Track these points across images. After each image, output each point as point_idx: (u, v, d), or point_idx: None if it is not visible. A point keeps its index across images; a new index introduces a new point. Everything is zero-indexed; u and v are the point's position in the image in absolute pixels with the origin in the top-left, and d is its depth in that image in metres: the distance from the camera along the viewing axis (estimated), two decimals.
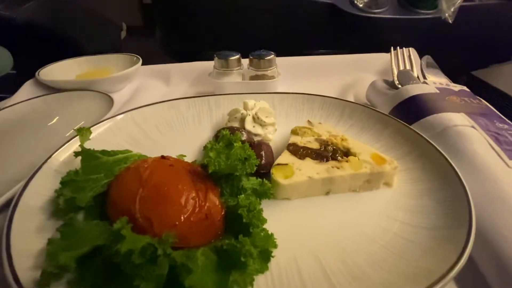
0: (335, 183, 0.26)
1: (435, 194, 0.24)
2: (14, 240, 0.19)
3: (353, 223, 0.23)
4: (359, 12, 0.78)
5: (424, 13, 0.80)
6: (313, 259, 0.20)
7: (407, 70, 0.42)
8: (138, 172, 0.22)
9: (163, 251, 0.16)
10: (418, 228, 0.22)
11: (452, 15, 0.77)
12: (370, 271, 0.19)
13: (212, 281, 0.16)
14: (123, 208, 0.20)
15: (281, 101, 0.39)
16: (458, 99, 0.33)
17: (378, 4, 0.82)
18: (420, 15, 0.80)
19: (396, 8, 0.84)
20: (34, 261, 0.18)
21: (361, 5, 0.82)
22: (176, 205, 0.19)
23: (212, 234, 0.21)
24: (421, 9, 0.80)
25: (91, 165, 0.24)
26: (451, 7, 0.78)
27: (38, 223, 0.22)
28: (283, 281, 0.18)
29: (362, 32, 0.81)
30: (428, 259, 0.19)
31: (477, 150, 0.26)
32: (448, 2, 0.79)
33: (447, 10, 0.78)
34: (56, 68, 0.53)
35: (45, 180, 0.25)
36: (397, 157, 0.29)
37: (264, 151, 0.28)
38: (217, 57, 0.45)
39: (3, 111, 0.41)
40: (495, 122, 0.30)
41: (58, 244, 0.18)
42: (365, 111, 0.35)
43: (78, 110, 0.44)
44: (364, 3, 0.82)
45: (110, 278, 0.17)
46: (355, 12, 0.78)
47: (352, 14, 0.77)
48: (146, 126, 0.35)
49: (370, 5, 0.81)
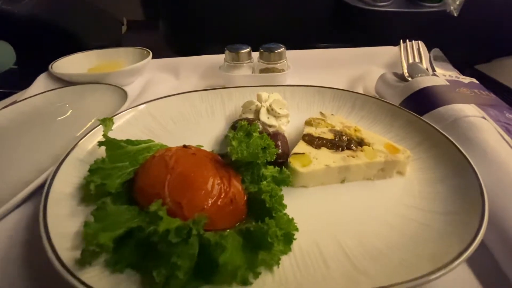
0: (350, 172, 0.26)
1: (447, 182, 0.25)
2: (50, 224, 0.20)
3: (369, 209, 0.24)
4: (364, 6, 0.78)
5: (429, 6, 0.80)
6: (333, 242, 0.21)
7: (416, 63, 0.42)
8: (164, 160, 0.23)
9: (197, 231, 0.17)
10: (432, 213, 0.23)
11: (457, 8, 0.77)
12: (388, 252, 0.20)
13: (242, 260, 0.17)
14: (152, 194, 0.21)
15: (293, 94, 0.40)
16: (468, 91, 0.34)
17: None
18: (425, 8, 0.79)
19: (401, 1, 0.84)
20: (71, 242, 0.20)
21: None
22: (204, 190, 0.20)
23: (236, 218, 0.22)
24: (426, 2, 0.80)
25: (116, 153, 0.25)
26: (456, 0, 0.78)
27: (69, 208, 0.23)
28: (307, 262, 0.20)
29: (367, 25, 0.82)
30: (443, 241, 0.20)
31: (488, 140, 0.27)
32: None
33: (453, 3, 0.78)
34: (67, 61, 0.53)
35: (71, 168, 0.26)
36: (408, 147, 0.30)
37: (280, 141, 0.29)
38: (228, 50, 0.46)
39: (19, 104, 0.42)
40: (504, 113, 0.30)
41: (95, 226, 0.19)
42: (376, 102, 0.36)
43: (92, 102, 0.44)
44: None
45: (144, 257, 0.18)
46: (360, 6, 0.78)
47: (357, 7, 0.76)
48: (161, 118, 0.36)
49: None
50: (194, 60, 0.55)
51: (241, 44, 0.47)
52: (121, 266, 0.18)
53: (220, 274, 0.17)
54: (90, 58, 0.56)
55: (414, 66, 0.41)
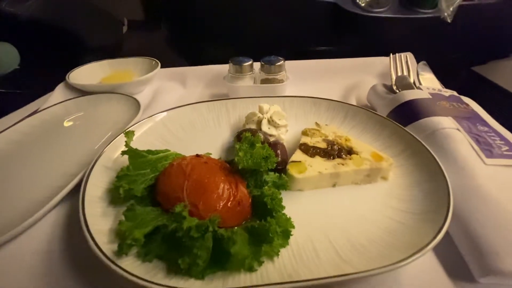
0: (340, 177, 0.31)
1: (423, 186, 0.29)
2: (89, 222, 0.24)
3: (356, 210, 0.28)
4: (361, 11, 0.81)
5: (424, 12, 0.83)
6: (324, 238, 0.25)
7: (404, 76, 0.46)
8: (181, 168, 0.27)
9: (213, 228, 0.21)
10: (408, 213, 0.27)
11: (451, 15, 0.80)
12: (369, 246, 0.24)
13: (248, 251, 0.22)
14: (173, 197, 0.25)
15: (291, 104, 0.44)
16: (448, 104, 0.38)
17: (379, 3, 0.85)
18: (420, 14, 0.82)
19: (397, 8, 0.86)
20: (107, 237, 0.24)
21: (363, 4, 0.84)
22: (216, 194, 0.24)
23: (243, 217, 0.26)
24: (421, 8, 0.83)
25: (138, 162, 0.29)
26: (450, 7, 0.81)
27: (101, 209, 0.27)
28: (301, 253, 0.24)
29: (364, 30, 0.84)
30: (414, 236, 0.24)
31: (460, 149, 0.31)
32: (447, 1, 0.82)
33: (446, 9, 0.81)
34: (82, 71, 0.57)
35: (99, 174, 0.30)
36: (393, 154, 0.34)
37: (279, 150, 0.33)
38: (232, 63, 0.50)
39: (42, 112, 0.46)
40: (477, 125, 0.34)
41: (127, 224, 0.23)
42: (366, 113, 0.40)
43: (107, 111, 0.48)
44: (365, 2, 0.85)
45: (169, 249, 0.22)
46: (357, 11, 0.81)
47: (354, 13, 0.80)
48: (173, 127, 0.40)
49: (371, 5, 0.84)
50: (200, 70, 0.59)
51: (243, 57, 0.51)
52: (151, 256, 0.22)
53: (231, 263, 0.21)
54: (103, 67, 0.60)
55: (402, 79, 0.45)
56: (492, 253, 0.22)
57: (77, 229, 0.25)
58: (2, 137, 0.40)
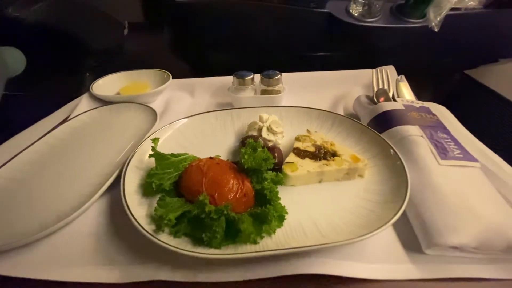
0: (325, 175, 0.38)
1: (390, 182, 0.37)
2: (132, 209, 0.31)
3: (336, 201, 0.36)
4: (354, 21, 0.87)
5: (413, 22, 0.88)
6: (310, 221, 0.33)
7: (383, 89, 0.54)
8: (199, 168, 0.34)
9: (227, 212, 0.28)
10: (376, 203, 0.34)
11: (438, 24, 0.86)
12: (344, 227, 0.32)
13: (253, 229, 0.29)
14: (194, 190, 0.32)
15: (287, 113, 0.51)
16: (417, 114, 0.46)
17: (371, 13, 0.91)
18: (410, 24, 0.88)
19: (387, 17, 0.91)
20: (145, 221, 0.31)
21: (356, 14, 0.91)
22: (227, 188, 0.32)
23: (248, 205, 0.33)
24: (411, 18, 0.88)
25: (164, 163, 0.37)
26: (437, 17, 0.87)
27: (136, 200, 0.34)
28: (292, 232, 0.31)
29: (357, 38, 0.90)
30: (378, 219, 0.31)
31: (421, 153, 0.38)
32: (435, 12, 0.88)
33: (434, 19, 0.87)
34: (103, 82, 0.65)
35: (131, 173, 0.37)
36: (369, 156, 0.41)
37: (276, 153, 0.40)
38: (235, 77, 0.57)
39: (73, 120, 0.53)
40: (438, 132, 0.42)
41: (161, 210, 0.30)
42: (349, 122, 0.48)
43: (128, 118, 0.55)
44: (358, 12, 0.92)
45: (193, 228, 0.30)
46: (350, 21, 0.86)
47: (348, 22, 0.86)
48: (187, 134, 0.48)
49: (364, 15, 0.90)
50: (207, 81, 0.67)
51: (245, 71, 0.58)
52: (180, 234, 0.30)
53: (240, 237, 0.29)
54: (120, 79, 0.67)
55: (381, 92, 0.53)
56: (435, 231, 0.30)
57: (119, 215, 0.33)
58: (43, 142, 0.47)
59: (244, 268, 0.29)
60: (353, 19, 0.86)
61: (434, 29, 0.83)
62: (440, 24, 0.85)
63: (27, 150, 0.45)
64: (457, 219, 0.30)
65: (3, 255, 0.30)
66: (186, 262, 0.29)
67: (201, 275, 0.28)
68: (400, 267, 0.30)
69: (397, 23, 0.90)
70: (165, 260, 0.29)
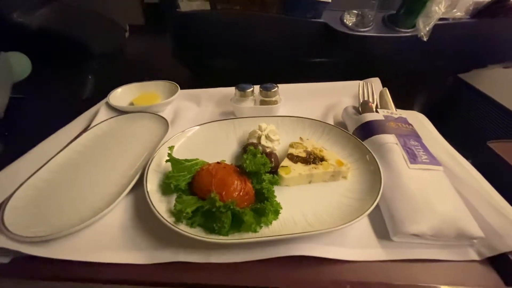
0: (314, 177, 0.45)
1: (368, 183, 0.44)
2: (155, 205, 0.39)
3: (323, 198, 0.43)
4: (348, 31, 0.93)
5: (404, 31, 0.95)
6: (300, 214, 0.40)
7: (367, 101, 0.61)
8: (209, 171, 0.41)
9: (233, 207, 0.36)
10: (355, 200, 0.42)
11: (427, 34, 0.93)
12: (328, 219, 0.39)
13: (253, 221, 0.36)
14: (206, 189, 0.39)
15: (283, 122, 0.59)
16: (394, 124, 0.53)
17: (364, 23, 0.98)
18: (400, 33, 0.95)
19: (380, 27, 0.97)
20: (166, 214, 0.38)
21: (350, 24, 0.98)
22: (232, 187, 0.39)
23: (249, 202, 0.40)
24: (401, 28, 0.95)
25: (179, 167, 0.44)
26: (426, 27, 0.94)
27: (157, 198, 0.41)
28: (286, 222, 0.38)
29: (351, 47, 0.97)
30: (356, 212, 0.39)
31: (394, 158, 0.45)
32: (424, 22, 0.95)
33: (423, 29, 0.94)
34: (118, 93, 0.72)
35: (151, 175, 0.45)
36: (353, 160, 0.49)
37: (273, 158, 0.48)
38: (237, 89, 0.65)
39: (94, 128, 0.60)
40: (411, 140, 0.49)
41: (179, 206, 0.37)
42: (337, 130, 0.55)
43: (142, 127, 0.62)
44: (352, 22, 0.99)
45: (206, 220, 0.37)
46: (345, 31, 0.93)
47: (342, 32, 0.92)
48: (195, 141, 0.55)
49: (357, 24, 0.97)
50: (211, 92, 0.74)
51: (246, 84, 0.65)
52: (195, 224, 0.37)
53: (243, 227, 0.36)
54: (132, 90, 0.74)
55: (365, 103, 0.60)
56: (400, 222, 0.37)
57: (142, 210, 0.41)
58: (71, 149, 0.54)
59: (247, 251, 0.36)
60: (347, 29, 0.92)
61: (423, 38, 0.89)
62: (429, 33, 0.92)
63: (59, 155, 0.52)
64: (418, 212, 0.38)
65: (52, 242, 0.38)
66: (200, 247, 0.36)
67: (212, 257, 0.36)
68: (373, 251, 0.37)
69: (388, 32, 0.96)
70: (182, 245, 0.37)
